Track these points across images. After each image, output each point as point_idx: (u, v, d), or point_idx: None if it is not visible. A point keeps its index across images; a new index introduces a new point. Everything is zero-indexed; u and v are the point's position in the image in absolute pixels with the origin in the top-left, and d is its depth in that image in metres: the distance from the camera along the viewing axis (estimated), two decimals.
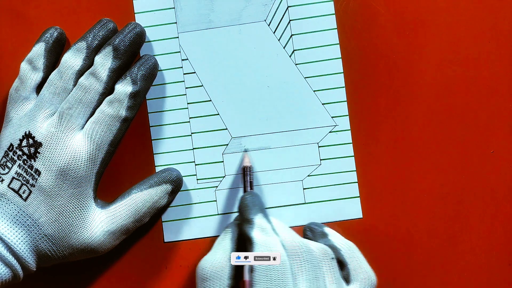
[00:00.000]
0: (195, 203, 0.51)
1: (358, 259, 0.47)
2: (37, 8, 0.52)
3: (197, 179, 0.51)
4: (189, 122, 0.51)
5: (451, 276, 0.51)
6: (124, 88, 0.47)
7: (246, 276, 0.44)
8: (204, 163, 0.51)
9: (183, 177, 0.51)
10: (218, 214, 0.51)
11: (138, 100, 0.48)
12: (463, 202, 0.51)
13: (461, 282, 0.51)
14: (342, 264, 0.47)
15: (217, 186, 0.51)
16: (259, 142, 0.51)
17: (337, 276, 0.45)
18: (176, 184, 0.50)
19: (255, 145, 0.51)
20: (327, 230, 0.49)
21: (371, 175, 0.51)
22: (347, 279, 0.46)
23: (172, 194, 0.50)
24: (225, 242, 0.46)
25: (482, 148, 0.51)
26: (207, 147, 0.51)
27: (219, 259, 0.45)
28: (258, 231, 0.44)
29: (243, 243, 0.46)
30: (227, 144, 0.51)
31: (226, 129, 0.51)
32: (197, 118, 0.51)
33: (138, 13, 0.51)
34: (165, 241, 0.51)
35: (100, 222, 0.47)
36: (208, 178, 0.51)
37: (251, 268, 0.43)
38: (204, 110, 0.51)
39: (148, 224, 0.51)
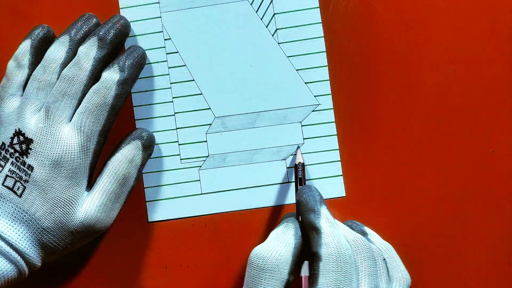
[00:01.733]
0: (179, 183, 0.51)
1: (396, 259, 0.47)
2: (38, 7, 0.52)
3: (180, 159, 0.51)
4: (172, 102, 0.51)
5: (451, 276, 0.50)
6: (111, 75, 0.47)
7: (304, 272, 0.43)
8: (188, 143, 0.51)
9: (167, 157, 0.51)
10: (202, 194, 0.51)
11: (125, 88, 0.48)
12: (463, 202, 0.51)
13: (461, 282, 0.50)
14: None
15: (200, 166, 0.51)
16: (242, 121, 0.51)
17: (386, 276, 0.45)
18: (146, 139, 0.49)
19: (238, 124, 0.51)
20: (367, 229, 0.49)
21: (371, 176, 0.51)
22: None
23: (145, 149, 0.49)
24: (288, 236, 0.45)
25: (482, 147, 0.51)
26: (191, 126, 0.51)
27: (283, 252, 0.44)
28: (326, 221, 0.44)
29: (304, 237, 0.45)
30: (211, 124, 0.51)
31: (209, 108, 0.51)
32: (180, 98, 0.51)
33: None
34: (149, 220, 0.51)
35: (91, 201, 0.47)
36: (192, 158, 0.51)
37: (319, 258, 0.42)
38: (187, 90, 0.51)
39: (145, 223, 0.51)
